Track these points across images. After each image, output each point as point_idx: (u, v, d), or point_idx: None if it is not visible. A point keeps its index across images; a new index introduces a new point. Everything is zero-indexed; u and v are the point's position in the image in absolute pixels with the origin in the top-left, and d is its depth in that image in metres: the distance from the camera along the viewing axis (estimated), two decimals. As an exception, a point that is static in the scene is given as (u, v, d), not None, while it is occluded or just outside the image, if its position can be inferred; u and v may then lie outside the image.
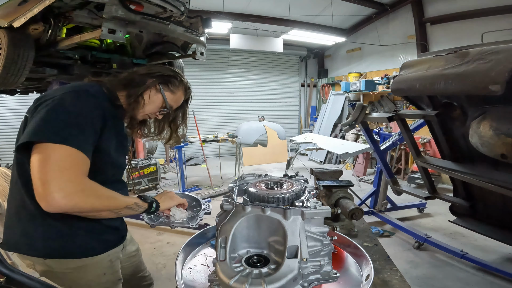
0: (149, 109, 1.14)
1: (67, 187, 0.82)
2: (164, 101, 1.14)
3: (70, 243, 1.00)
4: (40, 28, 2.20)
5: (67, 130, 0.86)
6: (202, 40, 2.77)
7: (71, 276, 1.01)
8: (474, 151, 1.81)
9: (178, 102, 1.21)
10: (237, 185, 0.99)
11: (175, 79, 1.17)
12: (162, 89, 1.14)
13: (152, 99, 1.12)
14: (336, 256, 1.01)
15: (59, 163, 0.82)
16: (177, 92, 1.18)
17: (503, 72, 1.31)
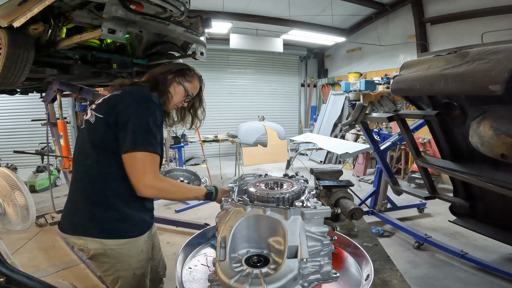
0: (176, 100, 1.36)
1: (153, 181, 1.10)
2: (186, 91, 1.36)
3: (129, 225, 1.19)
4: (40, 28, 2.20)
5: (149, 139, 1.11)
6: (202, 40, 2.77)
7: (118, 252, 1.18)
8: (474, 151, 1.81)
9: (196, 89, 1.43)
10: (237, 185, 0.99)
11: (189, 71, 1.39)
12: (182, 81, 1.35)
13: (176, 91, 1.34)
14: (336, 256, 1.01)
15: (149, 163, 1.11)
16: (193, 81, 1.39)
17: (503, 72, 1.31)
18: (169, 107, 1.38)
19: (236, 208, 0.83)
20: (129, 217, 1.19)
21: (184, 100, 1.40)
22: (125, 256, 1.20)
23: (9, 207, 1.60)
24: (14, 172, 1.62)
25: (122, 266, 1.20)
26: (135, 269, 1.23)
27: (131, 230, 1.20)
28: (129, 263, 1.21)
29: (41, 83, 3.25)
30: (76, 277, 2.58)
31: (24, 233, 3.35)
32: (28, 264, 2.80)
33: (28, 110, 6.28)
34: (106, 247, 1.16)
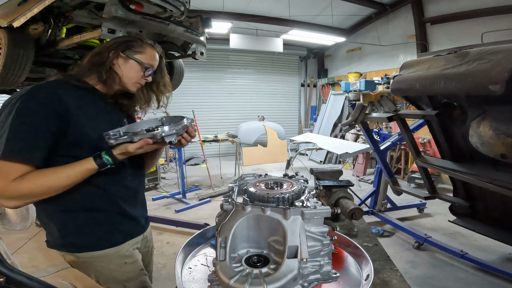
0: (131, 77, 1.12)
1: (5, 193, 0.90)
2: (140, 64, 1.12)
3: (89, 236, 1.09)
4: (40, 28, 2.20)
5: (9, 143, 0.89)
6: (202, 40, 2.76)
7: (95, 265, 1.12)
8: (474, 151, 1.81)
9: (154, 58, 1.17)
10: (237, 185, 0.99)
11: (135, 41, 1.13)
12: (130, 55, 1.10)
13: (126, 67, 1.10)
14: (336, 256, 1.01)
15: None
16: (145, 50, 1.13)
17: (503, 72, 1.31)
18: (129, 88, 1.14)
19: (236, 208, 0.83)
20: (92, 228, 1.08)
21: (145, 75, 1.15)
22: (104, 269, 1.12)
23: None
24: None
25: (106, 279, 1.15)
26: (123, 281, 1.16)
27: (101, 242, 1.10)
28: (113, 276, 1.14)
29: (41, 83, 3.24)
30: (76, 277, 2.58)
31: (24, 233, 3.34)
32: (28, 264, 2.80)
33: (28, 110, 6.27)
34: (81, 260, 1.11)
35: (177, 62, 3.40)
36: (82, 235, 1.08)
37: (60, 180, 0.94)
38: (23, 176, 0.90)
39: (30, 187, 0.90)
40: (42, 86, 0.97)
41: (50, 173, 0.94)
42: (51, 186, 0.93)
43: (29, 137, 0.91)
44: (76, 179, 0.96)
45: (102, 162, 0.97)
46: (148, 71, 1.15)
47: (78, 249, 1.09)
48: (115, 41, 1.12)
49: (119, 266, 1.13)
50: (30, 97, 0.93)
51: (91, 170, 0.97)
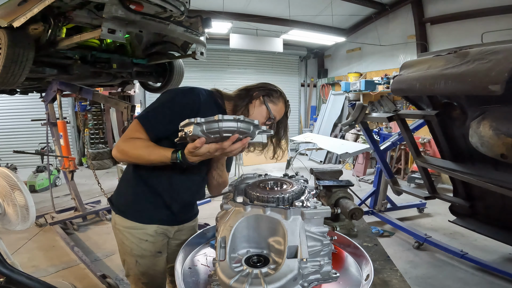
0: (255, 118, 1.16)
1: (118, 143, 1.15)
2: (268, 111, 1.24)
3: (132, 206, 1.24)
4: (40, 28, 2.20)
5: (149, 113, 1.16)
6: (202, 40, 2.77)
7: (122, 233, 1.24)
8: (474, 151, 1.81)
9: (280, 113, 1.30)
10: (237, 185, 0.99)
11: (275, 92, 1.29)
12: (265, 101, 1.25)
13: (257, 109, 1.24)
14: (336, 256, 1.01)
15: (129, 129, 1.15)
16: (278, 103, 1.28)
17: (503, 72, 1.31)
18: None
19: (236, 208, 0.83)
20: (138, 202, 1.23)
21: (265, 123, 1.26)
22: (126, 240, 1.23)
23: (9, 207, 1.60)
24: (14, 172, 1.62)
25: (124, 249, 1.25)
26: (137, 256, 1.24)
27: (136, 215, 1.23)
28: (130, 248, 1.24)
29: (41, 83, 3.25)
30: (76, 277, 2.58)
31: (24, 233, 3.35)
32: (28, 264, 2.80)
33: (28, 110, 6.28)
34: (115, 224, 1.25)
35: (177, 62, 3.41)
36: (128, 201, 1.25)
37: (145, 154, 1.09)
38: (133, 140, 1.11)
39: (128, 147, 1.11)
40: (195, 90, 1.19)
41: (144, 146, 1.10)
42: (139, 155, 1.10)
43: (161, 118, 1.13)
44: (155, 159, 1.08)
45: (174, 156, 1.05)
46: (270, 120, 1.27)
47: (118, 211, 1.26)
48: (264, 86, 1.29)
49: (139, 241, 1.23)
50: (185, 92, 1.17)
51: (166, 157, 1.06)
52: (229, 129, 0.89)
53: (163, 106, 1.14)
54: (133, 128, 1.13)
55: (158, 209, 1.25)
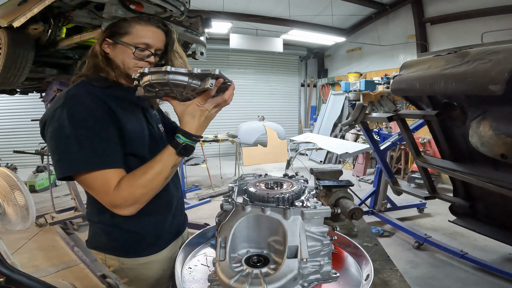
0: (126, 63, 1.00)
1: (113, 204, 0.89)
2: (130, 47, 0.98)
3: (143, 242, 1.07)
4: (40, 28, 2.20)
5: (80, 153, 0.86)
6: (202, 40, 2.76)
7: (136, 271, 1.08)
8: (474, 151, 1.81)
9: (147, 36, 1.01)
10: (237, 185, 0.99)
11: (121, 25, 1.00)
12: (117, 39, 0.99)
13: (116, 54, 1.00)
14: (336, 256, 1.01)
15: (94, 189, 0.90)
16: (132, 30, 0.99)
17: (503, 72, 1.31)
18: (130, 73, 1.02)
19: (236, 208, 0.83)
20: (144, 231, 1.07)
21: (137, 54, 0.99)
22: (143, 275, 1.09)
23: (9, 207, 1.60)
24: (14, 172, 1.62)
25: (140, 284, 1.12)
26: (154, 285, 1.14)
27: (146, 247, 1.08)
28: (148, 282, 1.11)
29: (41, 83, 3.24)
30: (76, 277, 2.58)
31: (24, 233, 3.35)
32: (28, 264, 2.80)
33: (28, 110, 6.28)
34: (124, 266, 1.07)
35: (177, 62, 3.40)
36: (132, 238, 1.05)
37: (152, 175, 0.89)
38: (122, 183, 0.88)
39: (129, 192, 0.88)
40: (78, 92, 0.94)
41: (140, 173, 0.89)
42: (147, 185, 0.89)
43: (100, 142, 0.88)
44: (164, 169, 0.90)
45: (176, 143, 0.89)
46: (143, 52, 1.00)
47: (124, 253, 1.06)
48: (107, 28, 1.03)
49: (158, 274, 1.12)
50: (75, 105, 0.89)
51: (171, 154, 0.89)
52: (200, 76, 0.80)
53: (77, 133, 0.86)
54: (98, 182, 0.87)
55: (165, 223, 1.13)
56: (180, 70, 0.78)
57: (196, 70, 0.78)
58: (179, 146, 0.89)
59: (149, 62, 1.02)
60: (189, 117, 0.88)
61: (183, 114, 0.89)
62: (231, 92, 0.90)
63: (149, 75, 0.79)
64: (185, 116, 0.88)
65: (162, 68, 0.77)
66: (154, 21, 1.04)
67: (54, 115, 0.89)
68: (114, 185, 0.87)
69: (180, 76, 0.79)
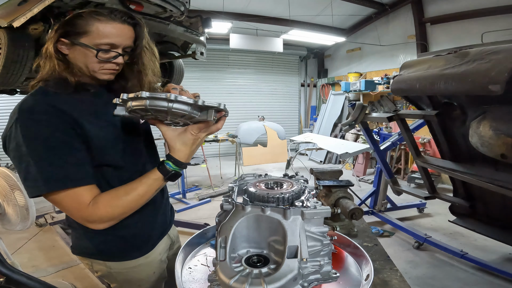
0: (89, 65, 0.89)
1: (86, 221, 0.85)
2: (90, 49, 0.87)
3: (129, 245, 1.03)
4: (40, 28, 2.20)
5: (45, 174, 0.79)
6: (202, 40, 2.77)
7: (126, 275, 1.05)
8: (474, 151, 1.81)
9: (115, 34, 0.88)
10: (237, 185, 0.99)
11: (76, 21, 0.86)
12: (74, 40, 0.87)
13: (77, 56, 0.88)
14: (336, 256, 1.01)
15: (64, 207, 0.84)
16: (91, 28, 0.86)
17: (503, 72, 1.31)
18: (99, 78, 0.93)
19: (236, 208, 0.83)
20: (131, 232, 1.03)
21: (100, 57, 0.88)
22: (133, 279, 1.07)
23: (9, 207, 1.61)
24: (14, 172, 1.62)
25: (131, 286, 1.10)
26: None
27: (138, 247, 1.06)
28: (138, 285, 1.09)
29: (41, 83, 3.24)
30: (76, 277, 2.58)
31: (24, 233, 3.35)
32: (28, 264, 2.80)
33: (28, 110, 6.28)
34: (112, 270, 1.04)
35: (177, 62, 3.41)
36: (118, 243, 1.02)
37: (134, 198, 0.86)
38: (97, 200, 0.83)
39: (107, 211, 0.84)
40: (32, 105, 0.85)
41: (123, 193, 0.86)
42: (127, 205, 0.86)
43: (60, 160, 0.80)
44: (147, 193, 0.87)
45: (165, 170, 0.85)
46: (107, 53, 0.89)
47: (110, 257, 1.03)
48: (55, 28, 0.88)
49: (148, 276, 1.10)
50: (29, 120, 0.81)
51: (158, 180, 0.86)
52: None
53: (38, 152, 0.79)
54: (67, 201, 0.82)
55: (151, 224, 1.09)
56: (184, 100, 0.74)
57: (201, 102, 0.75)
58: (168, 173, 0.86)
59: (116, 64, 0.93)
60: (181, 144, 0.84)
61: (174, 141, 0.84)
62: (224, 121, 0.85)
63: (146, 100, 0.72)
64: (177, 143, 0.84)
65: (163, 95, 0.72)
66: (117, 14, 0.89)
67: (11, 132, 0.82)
68: (86, 202, 0.82)
69: (183, 105, 0.74)
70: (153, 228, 1.11)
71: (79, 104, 0.90)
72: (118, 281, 1.07)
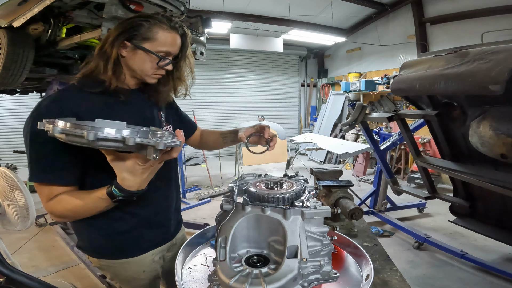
0: (144, 70, 0.97)
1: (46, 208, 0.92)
2: (151, 54, 0.94)
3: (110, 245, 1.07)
4: (40, 28, 2.20)
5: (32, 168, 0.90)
6: (202, 40, 2.76)
7: (115, 269, 1.10)
8: (474, 151, 1.81)
9: (171, 43, 0.97)
10: (237, 185, 0.99)
11: (142, 26, 0.93)
12: (137, 44, 0.93)
13: (135, 60, 0.95)
14: (336, 256, 1.01)
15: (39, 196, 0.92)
16: (155, 36, 0.93)
17: (503, 72, 1.31)
18: (147, 81, 1.00)
19: (236, 208, 0.83)
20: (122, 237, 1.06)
21: (160, 65, 0.97)
22: (121, 275, 1.11)
23: (9, 207, 1.60)
24: (14, 172, 1.62)
25: (121, 281, 1.15)
26: (137, 286, 1.14)
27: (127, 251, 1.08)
28: (127, 281, 1.13)
29: (41, 83, 3.25)
30: (76, 277, 2.58)
31: (24, 233, 3.35)
32: (28, 264, 2.80)
33: (28, 110, 6.16)
34: (102, 263, 1.10)
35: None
36: (105, 243, 1.06)
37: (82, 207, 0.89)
38: (58, 198, 0.89)
39: (60, 210, 0.91)
40: (45, 102, 0.92)
41: (76, 199, 0.89)
42: (77, 211, 0.90)
43: (46, 161, 0.88)
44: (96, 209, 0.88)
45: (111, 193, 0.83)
46: (164, 60, 0.97)
47: (100, 255, 1.09)
48: (119, 27, 0.94)
49: (137, 274, 1.12)
50: (37, 118, 0.84)
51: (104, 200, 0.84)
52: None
53: (33, 149, 0.88)
54: (40, 191, 0.90)
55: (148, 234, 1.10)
56: (109, 136, 0.65)
57: (132, 140, 0.64)
58: (115, 198, 0.83)
59: (166, 70, 1.01)
60: (127, 174, 0.78)
61: (120, 169, 0.78)
62: (179, 151, 0.79)
63: (64, 135, 0.65)
64: (123, 172, 0.78)
65: (83, 134, 0.62)
66: (175, 24, 0.98)
67: (26, 124, 0.91)
68: (47, 199, 0.90)
69: (111, 142, 0.66)
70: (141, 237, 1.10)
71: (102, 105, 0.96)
72: (110, 274, 1.13)
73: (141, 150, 0.72)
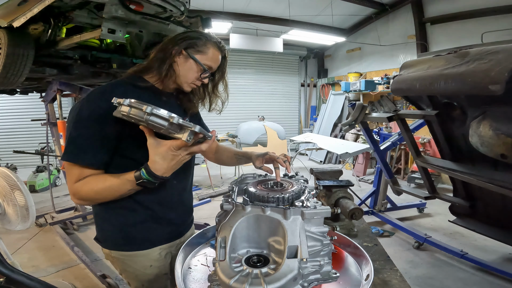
0: (187, 77, 1.09)
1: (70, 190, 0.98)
2: (198, 65, 1.08)
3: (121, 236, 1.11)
4: (40, 28, 2.20)
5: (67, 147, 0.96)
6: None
7: (123, 262, 1.14)
8: (474, 151, 1.81)
9: (215, 60, 1.13)
10: (237, 185, 0.99)
11: (199, 39, 1.08)
12: (190, 53, 1.07)
13: (184, 67, 1.08)
14: (336, 256, 1.01)
15: (67, 176, 1.00)
16: (207, 51, 1.09)
17: (503, 72, 1.31)
18: (183, 88, 1.12)
19: (236, 208, 0.83)
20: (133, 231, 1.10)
21: (201, 77, 1.10)
22: (129, 267, 1.14)
23: (9, 207, 1.61)
24: (14, 172, 1.62)
25: (128, 275, 1.17)
26: (143, 281, 1.16)
27: (136, 244, 1.12)
28: (135, 274, 1.15)
29: (41, 83, 3.25)
30: (76, 277, 2.58)
31: (24, 233, 3.35)
32: (28, 264, 2.80)
33: (28, 110, 6.28)
34: (113, 255, 1.15)
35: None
36: (117, 233, 1.11)
37: (107, 188, 0.95)
38: (86, 179, 0.95)
39: (86, 191, 0.95)
40: (96, 91, 1.00)
41: (104, 181, 0.95)
42: (101, 193, 0.96)
43: (84, 143, 0.94)
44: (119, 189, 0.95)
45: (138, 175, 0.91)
46: (206, 73, 1.11)
47: (111, 246, 1.13)
48: (180, 37, 1.08)
49: (144, 268, 1.14)
50: (85, 104, 0.97)
51: (130, 181, 0.92)
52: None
53: (75, 130, 0.95)
54: (70, 172, 0.96)
55: (158, 229, 1.14)
56: (161, 114, 0.78)
57: (176, 120, 0.78)
58: (140, 180, 0.91)
59: (202, 82, 1.14)
60: (159, 157, 0.88)
61: (153, 152, 0.89)
62: (209, 144, 0.88)
63: (128, 108, 0.80)
64: (156, 155, 0.88)
65: (143, 107, 0.77)
66: (221, 46, 1.15)
67: (75, 106, 0.99)
68: (75, 179, 0.95)
69: (159, 119, 0.79)
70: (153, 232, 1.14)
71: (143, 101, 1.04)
72: (119, 267, 1.16)
73: (179, 132, 0.82)
